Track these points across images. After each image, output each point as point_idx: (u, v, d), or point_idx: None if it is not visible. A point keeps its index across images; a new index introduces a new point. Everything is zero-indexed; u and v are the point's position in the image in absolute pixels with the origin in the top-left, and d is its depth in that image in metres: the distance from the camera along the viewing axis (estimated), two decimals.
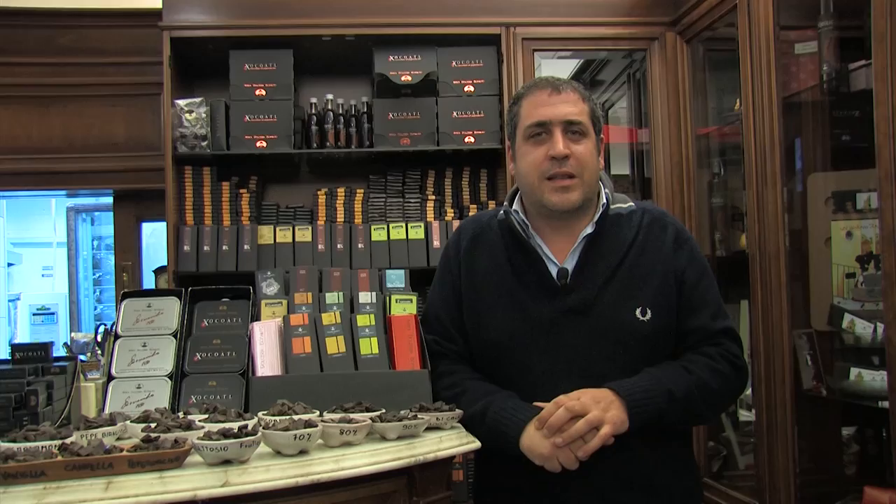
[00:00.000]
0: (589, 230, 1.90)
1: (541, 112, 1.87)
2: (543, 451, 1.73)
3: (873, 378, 2.43)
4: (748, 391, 2.93)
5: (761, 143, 2.76)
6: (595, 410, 1.72)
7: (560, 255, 1.92)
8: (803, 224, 2.82)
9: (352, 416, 1.67)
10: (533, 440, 1.75)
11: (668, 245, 1.92)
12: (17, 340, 7.63)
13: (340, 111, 3.60)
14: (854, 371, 2.51)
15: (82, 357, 3.13)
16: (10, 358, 1.99)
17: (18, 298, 8.57)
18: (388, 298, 2.20)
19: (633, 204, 1.98)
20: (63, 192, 5.12)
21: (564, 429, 1.71)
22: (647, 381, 1.79)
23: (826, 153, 2.84)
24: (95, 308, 8.03)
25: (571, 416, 1.71)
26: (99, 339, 3.19)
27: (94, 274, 8.21)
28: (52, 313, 8.29)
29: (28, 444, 1.42)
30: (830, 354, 2.69)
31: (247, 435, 1.46)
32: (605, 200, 1.93)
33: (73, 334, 3.86)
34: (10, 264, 8.81)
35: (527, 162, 1.90)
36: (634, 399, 1.75)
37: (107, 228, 7.63)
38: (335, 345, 2.00)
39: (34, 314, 8.32)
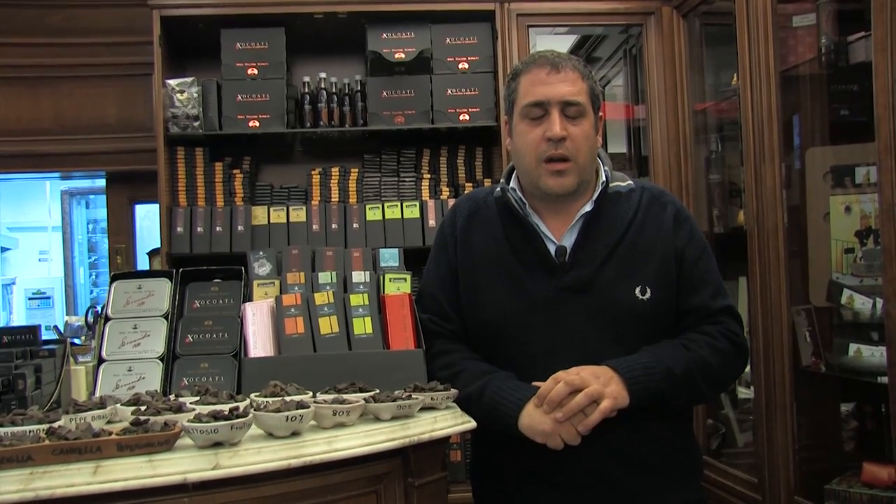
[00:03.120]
0: (588, 208, 1.88)
1: (539, 91, 1.84)
2: (545, 428, 1.72)
3: (872, 353, 2.42)
4: (747, 368, 2.92)
5: (759, 118, 2.73)
6: (594, 384, 1.70)
7: (558, 232, 1.90)
8: (801, 199, 2.79)
9: (345, 396, 1.65)
10: (533, 418, 1.74)
11: (667, 223, 1.90)
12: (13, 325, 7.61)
13: (334, 90, 3.56)
14: (853, 347, 2.49)
15: (76, 340, 3.11)
16: None
17: (14, 283, 8.55)
18: (381, 277, 2.17)
19: (631, 182, 1.96)
20: (56, 175, 5.10)
21: (564, 403, 1.70)
22: (647, 358, 1.77)
23: (824, 127, 2.81)
24: (91, 291, 8.00)
25: (571, 390, 1.70)
26: (90, 321, 3.16)
27: (89, 257, 8.18)
28: (49, 297, 8.28)
29: (15, 429, 1.40)
30: (829, 330, 2.67)
31: (238, 417, 1.44)
32: (604, 178, 1.90)
33: (67, 318, 3.84)
34: (5, 249, 8.78)
35: (524, 142, 1.87)
36: (634, 376, 1.74)
37: (102, 212, 7.58)
38: (328, 325, 1.98)
39: (30, 298, 8.30)
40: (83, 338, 3.24)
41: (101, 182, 4.55)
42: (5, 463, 1.29)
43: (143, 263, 4.25)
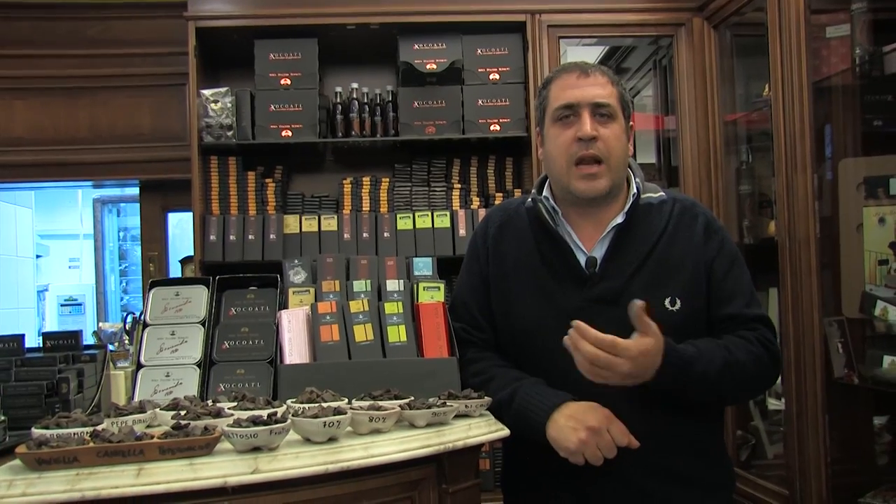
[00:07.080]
0: (619, 220, 1.88)
1: (569, 94, 1.86)
2: (570, 445, 1.72)
3: None
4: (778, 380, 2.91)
5: (791, 129, 2.72)
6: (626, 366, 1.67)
7: (589, 243, 1.90)
8: (834, 210, 2.78)
9: (380, 403, 1.67)
10: (561, 432, 1.74)
11: (698, 235, 1.90)
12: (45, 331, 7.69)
13: (365, 100, 3.59)
14: (887, 359, 2.47)
15: (110, 346, 3.16)
16: (41, 346, 2.00)
17: (46, 290, 8.65)
18: (415, 286, 2.19)
19: (663, 193, 1.96)
20: (90, 184, 5.15)
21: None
22: (691, 350, 1.76)
23: (857, 138, 2.79)
24: (122, 299, 8.08)
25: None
26: (127, 327, 3.21)
27: (120, 265, 8.26)
28: (80, 304, 8.35)
29: (60, 431, 1.43)
30: (862, 342, 2.65)
31: (276, 422, 1.46)
32: (635, 190, 1.91)
33: (100, 324, 3.89)
34: (38, 256, 8.89)
35: (555, 144, 1.88)
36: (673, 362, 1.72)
37: (132, 220, 7.68)
38: (363, 332, 2.00)
39: (62, 305, 8.38)
40: (117, 344, 3.29)
41: (133, 190, 4.60)
42: (53, 464, 1.33)
43: (175, 271, 4.30)
